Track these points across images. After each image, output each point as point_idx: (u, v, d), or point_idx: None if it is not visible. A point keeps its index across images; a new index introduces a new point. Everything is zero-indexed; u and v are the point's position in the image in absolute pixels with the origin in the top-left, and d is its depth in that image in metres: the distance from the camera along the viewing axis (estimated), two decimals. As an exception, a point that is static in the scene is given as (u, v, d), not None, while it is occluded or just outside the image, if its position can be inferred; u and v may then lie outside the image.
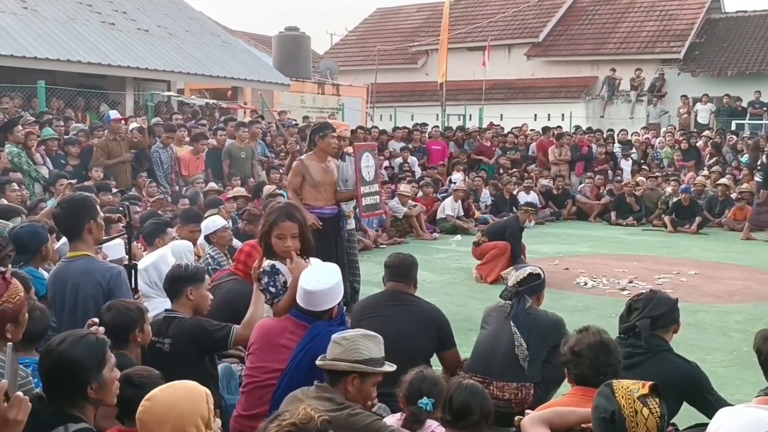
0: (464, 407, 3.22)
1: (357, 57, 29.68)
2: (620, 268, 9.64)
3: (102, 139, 10.31)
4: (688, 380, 3.58)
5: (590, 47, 26.38)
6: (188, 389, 2.47)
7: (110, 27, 17.25)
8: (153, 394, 2.44)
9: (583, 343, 3.13)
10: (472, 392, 3.28)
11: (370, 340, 3.10)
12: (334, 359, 3.04)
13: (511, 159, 16.56)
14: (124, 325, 3.47)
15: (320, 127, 6.77)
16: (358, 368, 3.03)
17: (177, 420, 2.35)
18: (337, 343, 3.04)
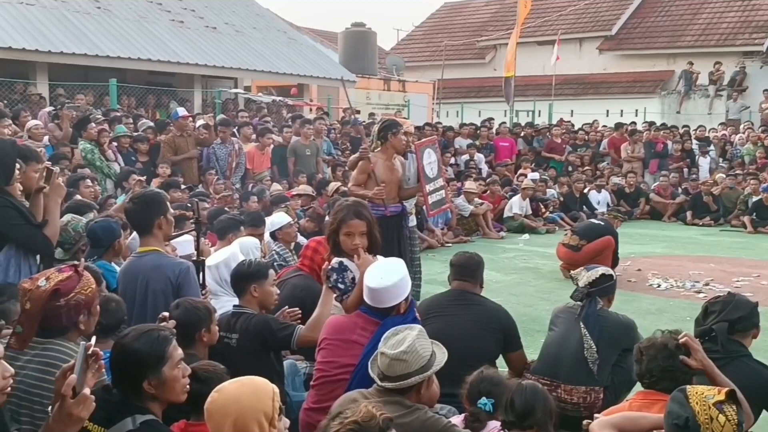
0: (526, 408, 3.14)
1: (423, 52, 29.53)
2: (696, 270, 9.35)
3: (169, 136, 10.48)
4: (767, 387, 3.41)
5: (666, 40, 25.54)
6: (255, 385, 2.47)
7: (179, 25, 17.59)
8: (222, 387, 2.46)
9: (650, 343, 3.12)
10: (533, 393, 3.19)
11: (421, 336, 3.00)
12: (403, 376, 2.90)
13: (581, 156, 16.16)
14: (191, 323, 3.50)
15: (393, 124, 6.66)
16: (429, 374, 2.95)
17: (239, 414, 2.36)
18: (399, 360, 2.90)
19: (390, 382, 2.90)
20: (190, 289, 3.82)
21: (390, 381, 2.90)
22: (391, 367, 2.91)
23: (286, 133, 12.14)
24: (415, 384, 2.92)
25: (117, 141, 10.12)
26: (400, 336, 2.96)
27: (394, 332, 3.00)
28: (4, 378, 2.09)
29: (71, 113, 9.82)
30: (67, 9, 15.71)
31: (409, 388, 2.93)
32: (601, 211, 14.08)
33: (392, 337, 2.97)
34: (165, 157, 10.08)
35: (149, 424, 2.58)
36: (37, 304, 2.65)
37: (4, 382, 2.09)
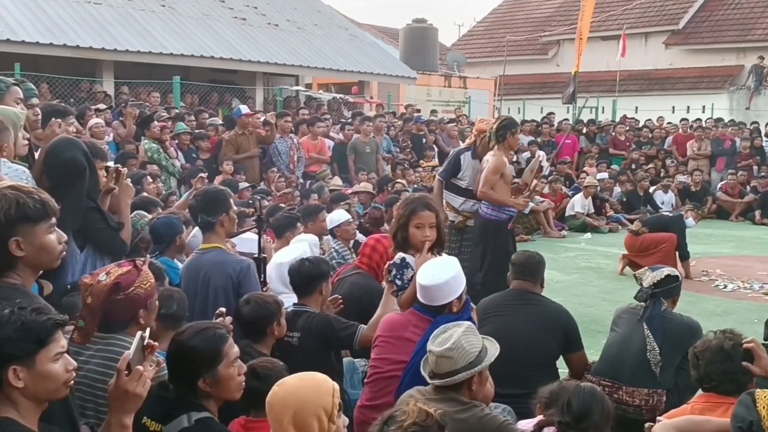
0: (583, 411, 3.10)
1: (485, 48, 29.26)
2: (764, 271, 9.14)
3: (232, 134, 10.59)
4: None
5: (736, 33, 24.71)
6: (316, 380, 2.49)
7: (242, 22, 17.79)
8: (283, 380, 2.48)
9: (704, 346, 3.08)
10: (591, 395, 3.15)
11: (469, 332, 2.98)
12: (450, 373, 2.90)
13: (645, 154, 15.78)
14: (262, 318, 3.56)
15: (511, 123, 6.70)
16: (478, 370, 2.93)
17: (299, 408, 2.37)
18: (445, 357, 2.90)
19: (439, 379, 2.91)
20: (250, 287, 3.85)
21: (439, 378, 2.91)
22: (438, 364, 2.92)
23: (347, 130, 12.18)
24: (464, 380, 2.91)
25: (177, 138, 10.18)
26: (447, 333, 2.96)
27: (442, 330, 3.01)
28: (68, 371, 2.15)
29: (135, 111, 10.00)
30: (132, 7, 16.00)
31: (459, 384, 2.92)
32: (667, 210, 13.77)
33: (440, 335, 2.97)
34: (227, 155, 10.19)
35: (204, 422, 2.60)
36: (98, 299, 2.71)
37: (68, 375, 2.15)
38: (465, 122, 15.45)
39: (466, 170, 6.62)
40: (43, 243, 2.48)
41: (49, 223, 2.50)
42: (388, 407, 2.91)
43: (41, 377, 2.08)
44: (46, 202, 2.51)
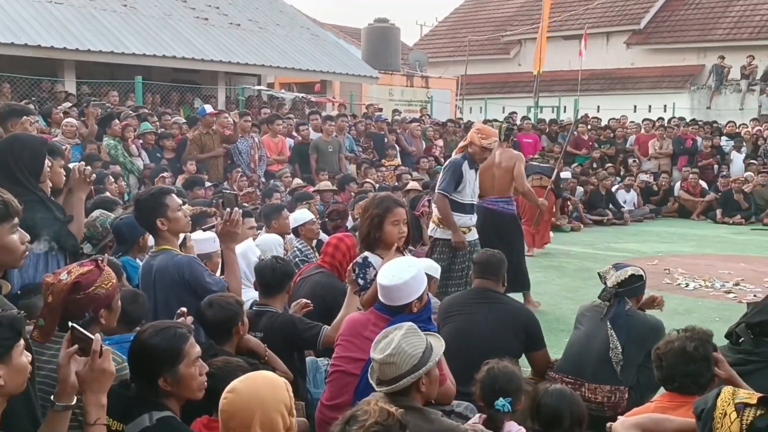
0: (554, 414, 3.10)
1: (447, 48, 29.38)
2: (725, 270, 9.20)
3: (196, 133, 10.51)
4: None
5: (697, 33, 25.12)
6: (269, 379, 2.50)
7: (204, 22, 17.67)
8: (235, 386, 2.44)
9: (667, 348, 3.07)
10: (560, 397, 3.15)
11: (410, 334, 2.91)
12: (395, 378, 2.83)
13: (605, 153, 15.94)
14: (227, 319, 3.54)
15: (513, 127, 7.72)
16: (423, 372, 2.86)
17: (263, 409, 2.37)
18: (388, 363, 2.82)
19: (386, 386, 2.84)
20: (203, 279, 3.78)
21: (386, 385, 2.84)
22: (382, 371, 2.85)
23: (303, 130, 12.12)
24: (411, 384, 2.84)
25: (142, 138, 10.20)
26: (388, 339, 2.88)
27: (383, 335, 2.93)
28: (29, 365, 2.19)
29: (97, 110, 9.92)
30: (94, 7, 15.87)
31: (408, 389, 2.85)
32: (629, 209, 13.93)
33: (381, 341, 2.90)
34: (191, 154, 10.13)
35: (166, 421, 2.58)
36: (59, 297, 2.70)
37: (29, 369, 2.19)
38: (427, 122, 15.44)
39: (466, 183, 6.20)
40: (6, 243, 2.50)
41: (11, 224, 2.52)
42: (348, 406, 2.94)
43: (15, 371, 2.13)
44: (9, 202, 2.53)
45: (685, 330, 3.11)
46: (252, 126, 11.24)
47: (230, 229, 3.84)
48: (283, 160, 11.45)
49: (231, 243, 3.89)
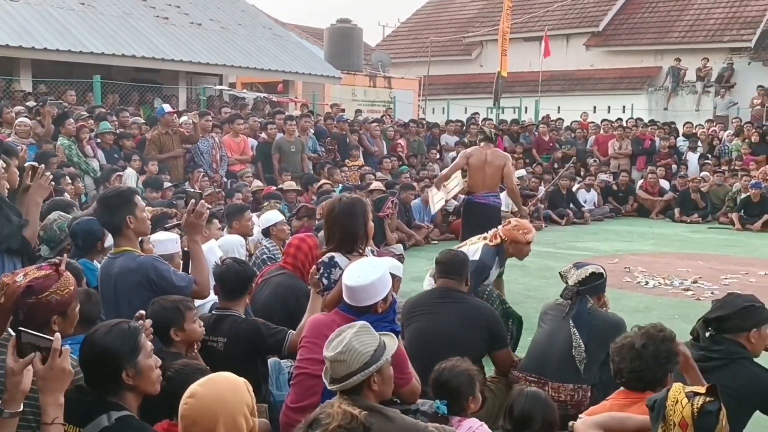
0: (525, 416, 3.12)
1: (409, 49, 29.42)
2: (684, 268, 9.35)
3: (155, 133, 10.37)
4: (765, 390, 3.36)
5: (654, 36, 25.52)
6: (230, 381, 2.45)
7: (164, 21, 17.46)
8: (195, 391, 2.39)
9: (619, 344, 3.10)
10: (533, 400, 3.17)
11: (362, 332, 2.90)
12: (346, 376, 2.82)
13: (566, 153, 16.13)
14: (160, 322, 3.42)
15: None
16: (373, 370, 2.84)
17: (227, 412, 2.33)
18: (339, 361, 2.82)
19: (337, 384, 2.83)
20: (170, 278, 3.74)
21: (338, 383, 2.82)
22: (334, 369, 2.83)
23: (270, 129, 12.04)
24: (362, 382, 2.82)
25: (101, 137, 10.03)
26: (340, 337, 2.87)
27: (336, 334, 2.92)
28: None
29: (53, 110, 9.72)
30: (51, 5, 15.60)
31: (360, 387, 2.83)
32: (589, 209, 14.12)
33: (334, 340, 2.88)
34: (150, 154, 9.99)
35: (124, 419, 2.56)
36: (10, 299, 2.64)
37: None
38: (389, 122, 15.44)
39: (492, 275, 5.89)
40: None
41: None
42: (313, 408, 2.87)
43: None
44: None
45: (641, 327, 3.13)
46: (213, 126, 11.14)
47: (194, 220, 3.81)
48: (245, 160, 11.37)
49: (195, 235, 3.85)
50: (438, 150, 15.03)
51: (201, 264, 3.86)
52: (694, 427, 2.41)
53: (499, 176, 7.79)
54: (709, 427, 2.42)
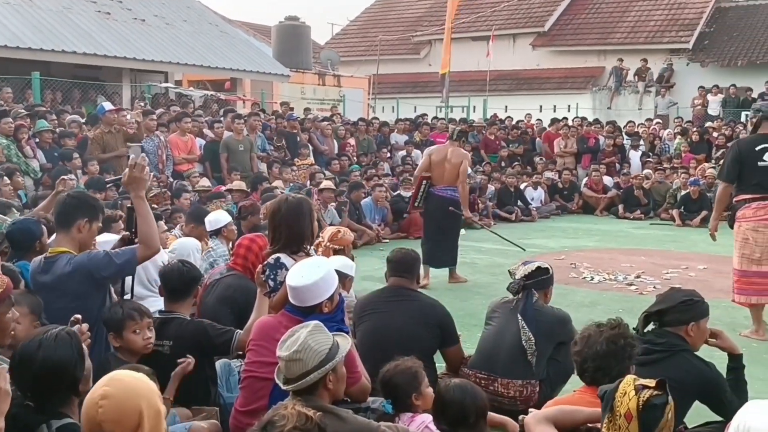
0: (455, 407, 3.16)
1: (358, 47, 29.39)
2: (628, 263, 9.55)
3: (97, 132, 10.11)
4: (704, 381, 3.46)
5: (597, 37, 26.04)
6: (131, 373, 2.43)
7: (106, 17, 17.03)
8: (104, 392, 2.28)
9: (592, 350, 3.07)
10: (461, 391, 3.20)
11: (316, 331, 2.91)
12: (302, 375, 2.82)
13: (513, 152, 16.32)
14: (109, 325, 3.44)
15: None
16: (330, 367, 2.86)
17: (146, 400, 2.29)
18: (295, 360, 2.82)
19: (293, 384, 2.83)
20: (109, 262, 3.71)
21: (293, 383, 2.82)
22: (289, 369, 2.83)
23: (217, 128, 11.88)
24: (318, 380, 2.83)
25: (39, 136, 9.71)
26: (294, 336, 2.88)
27: (289, 334, 2.92)
28: None
29: (-12, 108, 9.40)
30: (-15, -1, 15.05)
31: (315, 385, 2.84)
32: (536, 206, 14.32)
33: (287, 339, 2.89)
34: (93, 154, 9.74)
35: (66, 428, 2.51)
36: None
37: None
38: (338, 121, 15.40)
39: None
40: None
41: None
42: (263, 411, 2.86)
43: None
44: None
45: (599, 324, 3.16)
46: (159, 125, 10.93)
47: (137, 174, 3.75)
48: (193, 159, 11.18)
49: (140, 191, 3.78)
50: (388, 149, 15.04)
51: (146, 218, 3.77)
52: (638, 419, 2.46)
53: (457, 173, 8.19)
54: (653, 421, 2.47)
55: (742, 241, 6.18)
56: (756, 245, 6.09)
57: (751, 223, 6.13)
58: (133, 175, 3.76)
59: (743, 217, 6.20)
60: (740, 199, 6.28)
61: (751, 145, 6.18)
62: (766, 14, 25.25)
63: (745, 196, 6.20)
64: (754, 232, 6.10)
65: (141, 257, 3.76)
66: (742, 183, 6.21)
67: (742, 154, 6.17)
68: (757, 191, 6.11)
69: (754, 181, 6.10)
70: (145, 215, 3.76)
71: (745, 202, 6.21)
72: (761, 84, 21.34)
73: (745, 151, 6.18)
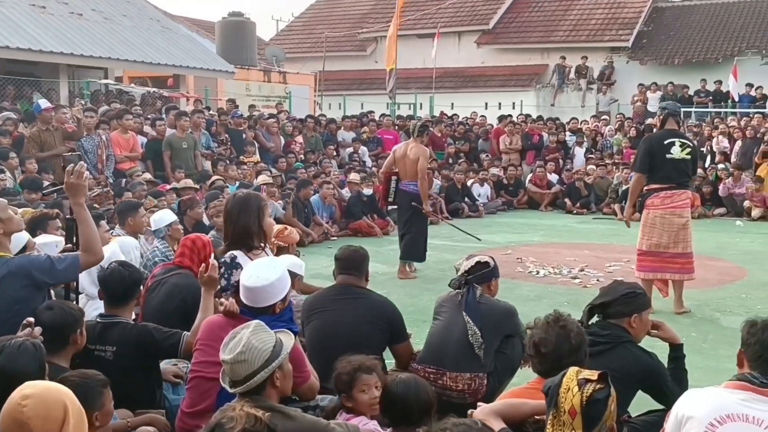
0: (398, 402, 3.15)
1: (304, 44, 29.22)
2: (572, 257, 9.73)
3: (34, 130, 9.80)
4: (647, 371, 3.53)
5: (540, 35, 26.42)
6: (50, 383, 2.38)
7: (41, 11, 16.46)
8: (24, 393, 2.23)
9: (549, 344, 3.07)
10: (405, 386, 3.20)
11: (258, 330, 2.88)
12: (249, 376, 2.77)
13: (459, 149, 16.44)
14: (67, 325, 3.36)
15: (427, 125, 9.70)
16: (276, 365, 2.83)
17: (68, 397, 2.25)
18: (240, 361, 2.78)
19: (240, 386, 2.78)
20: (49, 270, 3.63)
21: (240, 385, 2.78)
22: (234, 371, 2.79)
23: (159, 126, 11.65)
24: (266, 379, 2.80)
25: (-31, 135, 9.38)
26: (237, 338, 2.84)
27: (231, 336, 2.88)
28: None
29: None
30: None
31: (262, 385, 2.81)
32: (483, 202, 14.47)
33: (229, 342, 2.85)
34: (29, 152, 9.44)
35: None
36: None
37: None
38: (284, 118, 15.26)
39: None
40: None
41: None
42: (210, 412, 2.86)
43: None
44: None
45: (548, 322, 3.15)
46: (100, 122, 10.66)
47: (75, 181, 3.66)
48: (135, 158, 10.94)
49: (79, 198, 3.69)
50: (335, 146, 14.98)
51: (87, 226, 3.69)
52: (582, 414, 2.48)
53: (416, 168, 8.46)
54: (597, 415, 2.49)
55: (649, 226, 6.94)
56: (663, 231, 6.88)
57: (659, 211, 6.89)
58: (71, 182, 3.67)
59: (652, 205, 6.95)
60: (650, 189, 7.02)
61: (660, 140, 6.93)
62: (701, 14, 26.07)
63: (655, 186, 6.94)
64: (661, 219, 6.88)
65: (84, 264, 3.69)
66: (652, 174, 6.94)
67: (653, 148, 6.91)
68: (665, 181, 6.87)
69: (662, 172, 6.85)
70: (86, 222, 3.68)
71: (653, 192, 6.95)
72: (697, 81, 22.01)
73: (655, 145, 6.93)
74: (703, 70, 22.74)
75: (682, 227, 6.91)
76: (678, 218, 6.91)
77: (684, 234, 6.93)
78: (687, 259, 6.99)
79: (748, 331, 2.86)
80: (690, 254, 7.00)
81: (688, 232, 6.97)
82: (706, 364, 5.18)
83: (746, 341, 2.84)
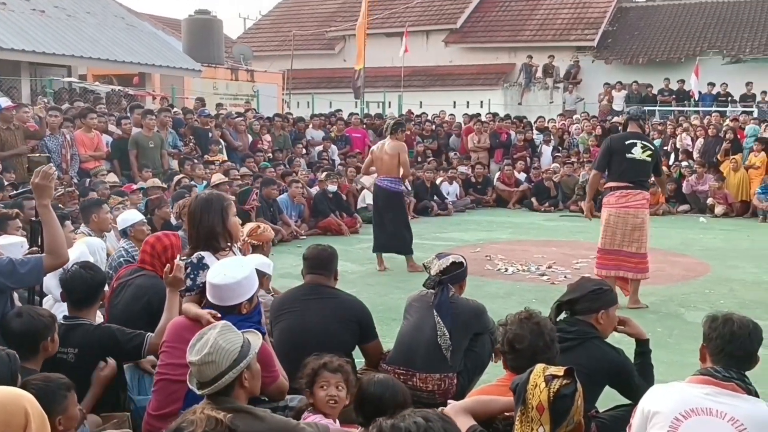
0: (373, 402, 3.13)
1: (272, 42, 29.04)
2: (540, 254, 9.82)
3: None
4: (614, 367, 3.56)
5: (507, 34, 26.59)
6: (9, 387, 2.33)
7: (1, 7, 16.16)
8: None
9: (524, 341, 3.08)
10: (382, 386, 3.18)
11: (225, 331, 2.86)
12: (217, 377, 2.74)
13: (428, 147, 16.49)
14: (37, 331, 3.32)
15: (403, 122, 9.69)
16: (244, 366, 2.80)
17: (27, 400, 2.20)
18: (207, 363, 2.74)
19: (208, 387, 2.75)
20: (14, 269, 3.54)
21: (207, 387, 2.75)
22: (202, 372, 2.76)
23: (125, 124, 11.48)
24: (234, 380, 2.78)
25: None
26: (203, 339, 2.81)
27: (197, 338, 2.85)
28: None
29: None
30: None
31: (231, 386, 2.78)
32: (452, 200, 14.53)
33: (196, 344, 2.82)
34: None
35: None
36: None
37: None
38: (251, 116, 15.15)
39: None
40: None
41: None
42: (177, 415, 2.83)
43: None
44: None
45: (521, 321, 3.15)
46: (65, 120, 10.48)
47: (41, 182, 3.58)
48: (100, 157, 10.78)
49: (45, 199, 3.61)
50: (304, 145, 14.91)
51: (52, 227, 3.62)
52: (550, 410, 2.50)
53: (396, 163, 8.56)
54: (564, 410, 2.52)
55: (605, 224, 7.14)
56: (617, 228, 7.06)
57: (614, 209, 7.07)
58: (37, 183, 3.61)
59: (608, 203, 7.13)
60: (607, 187, 7.25)
61: (621, 140, 7.15)
62: (664, 14, 26.49)
63: (612, 184, 7.14)
64: (615, 218, 7.05)
65: (48, 267, 3.62)
66: (610, 173, 7.16)
67: (612, 148, 7.11)
68: (622, 180, 7.04)
69: (620, 171, 7.03)
70: (51, 224, 3.62)
71: (611, 190, 7.14)
72: (660, 80, 22.34)
73: (616, 145, 7.13)
74: (667, 69, 23.10)
75: (637, 227, 7.00)
76: (633, 218, 7.00)
77: (639, 234, 7.02)
78: (640, 259, 7.07)
79: (709, 326, 2.91)
80: (644, 255, 7.08)
81: (644, 232, 7.04)
82: (672, 359, 5.26)
83: (708, 336, 2.90)
